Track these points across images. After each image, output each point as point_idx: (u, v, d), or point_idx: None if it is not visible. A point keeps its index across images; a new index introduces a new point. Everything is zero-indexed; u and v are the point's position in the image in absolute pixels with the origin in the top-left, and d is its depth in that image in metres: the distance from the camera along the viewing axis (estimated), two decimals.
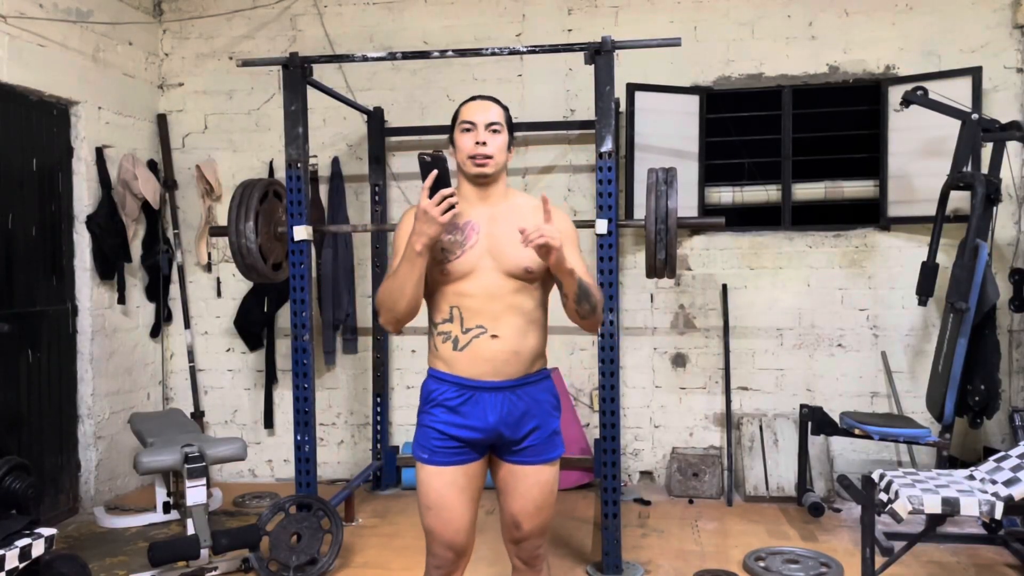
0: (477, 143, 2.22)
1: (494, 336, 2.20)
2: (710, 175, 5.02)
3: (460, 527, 2.29)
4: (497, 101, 2.33)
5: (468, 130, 2.25)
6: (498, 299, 2.21)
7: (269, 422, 5.27)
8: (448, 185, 2.10)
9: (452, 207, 2.10)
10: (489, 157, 2.23)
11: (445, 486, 2.27)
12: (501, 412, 2.24)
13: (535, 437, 2.28)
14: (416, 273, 2.14)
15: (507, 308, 2.21)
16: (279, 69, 4.08)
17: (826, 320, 4.86)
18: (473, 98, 2.33)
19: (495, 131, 2.25)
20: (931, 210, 4.40)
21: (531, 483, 2.31)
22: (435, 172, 2.09)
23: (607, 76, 3.53)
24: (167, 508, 4.30)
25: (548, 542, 3.92)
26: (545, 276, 2.27)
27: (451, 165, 2.20)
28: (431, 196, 2.08)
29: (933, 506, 2.85)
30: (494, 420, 2.23)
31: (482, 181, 2.26)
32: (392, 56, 3.99)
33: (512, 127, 2.34)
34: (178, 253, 5.27)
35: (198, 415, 5.24)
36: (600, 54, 3.54)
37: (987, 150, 4.31)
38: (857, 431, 4.17)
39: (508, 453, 2.30)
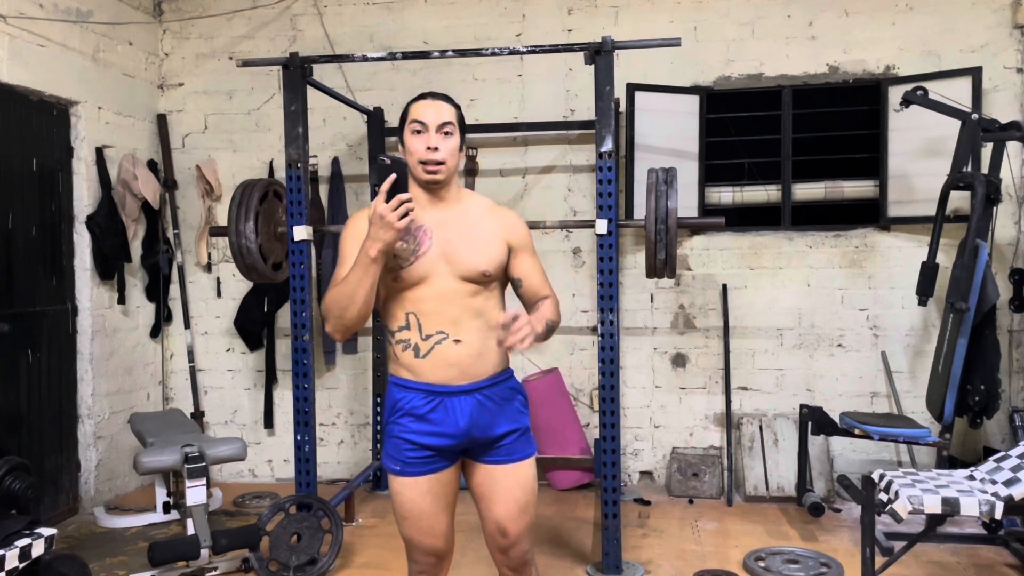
0: (429, 148, 2.14)
1: (457, 341, 2.15)
2: (710, 175, 5.02)
3: (439, 532, 2.27)
4: (449, 99, 2.24)
5: (419, 132, 2.16)
6: (455, 303, 2.15)
7: (269, 422, 5.27)
8: (406, 190, 2.05)
9: (408, 213, 2.03)
10: (441, 163, 2.15)
11: (420, 496, 2.22)
12: (472, 415, 2.19)
13: (511, 436, 2.25)
14: (369, 280, 2.06)
15: (466, 311, 2.16)
16: (279, 69, 4.09)
17: (826, 320, 4.86)
18: (423, 96, 2.23)
19: (447, 133, 2.17)
20: (931, 210, 4.40)
21: (511, 483, 2.26)
22: (393, 176, 2.02)
23: (607, 76, 3.53)
24: (167, 508, 4.29)
25: (548, 543, 3.94)
26: (500, 277, 2.26)
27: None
28: (388, 201, 2.01)
29: (933, 506, 2.85)
30: (465, 424, 2.19)
31: (434, 187, 2.19)
32: (392, 56, 3.98)
33: (464, 127, 2.27)
34: (178, 253, 5.27)
35: (198, 415, 5.24)
36: (600, 54, 3.53)
37: (987, 150, 4.32)
38: (857, 431, 4.17)
39: (483, 454, 2.25)
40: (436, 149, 2.15)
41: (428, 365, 2.16)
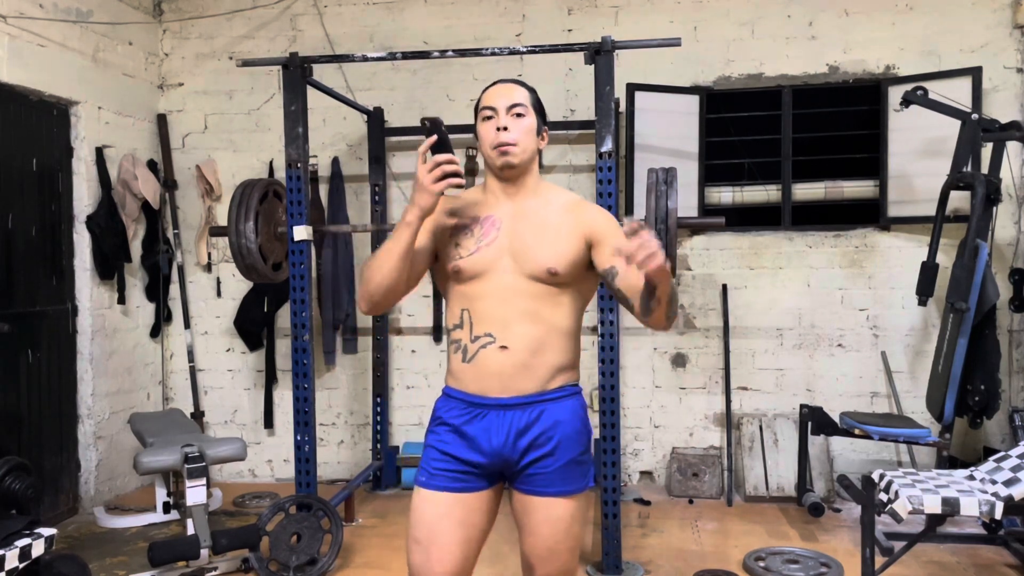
0: (499, 129, 1.97)
1: (503, 347, 1.94)
2: (710, 175, 5.02)
3: (449, 568, 1.98)
4: (522, 83, 2.06)
5: (489, 118, 2.00)
6: (512, 304, 1.94)
7: (269, 422, 5.27)
8: (448, 151, 1.90)
9: (450, 176, 1.87)
10: (513, 144, 1.97)
11: (438, 517, 1.98)
12: (508, 433, 1.96)
13: (546, 463, 1.98)
14: (401, 245, 1.90)
15: (522, 315, 1.94)
16: (279, 69, 4.08)
17: (826, 320, 4.86)
18: (495, 83, 2.07)
19: (519, 115, 1.99)
20: (931, 210, 4.40)
21: (540, 519, 1.99)
22: (434, 138, 1.89)
23: (607, 76, 3.53)
24: (167, 508, 4.29)
25: None
26: (578, 281, 2.01)
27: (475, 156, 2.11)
28: (426, 162, 1.89)
29: (933, 506, 2.85)
30: (499, 443, 1.96)
31: (509, 173, 2.01)
32: (392, 56, 3.99)
33: (542, 111, 2.07)
34: (178, 253, 5.27)
35: (198, 415, 5.24)
36: (600, 54, 3.53)
37: (987, 150, 4.32)
38: (857, 431, 4.17)
39: (515, 480, 2.01)
40: (506, 129, 1.97)
41: (471, 372, 1.98)
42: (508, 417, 1.97)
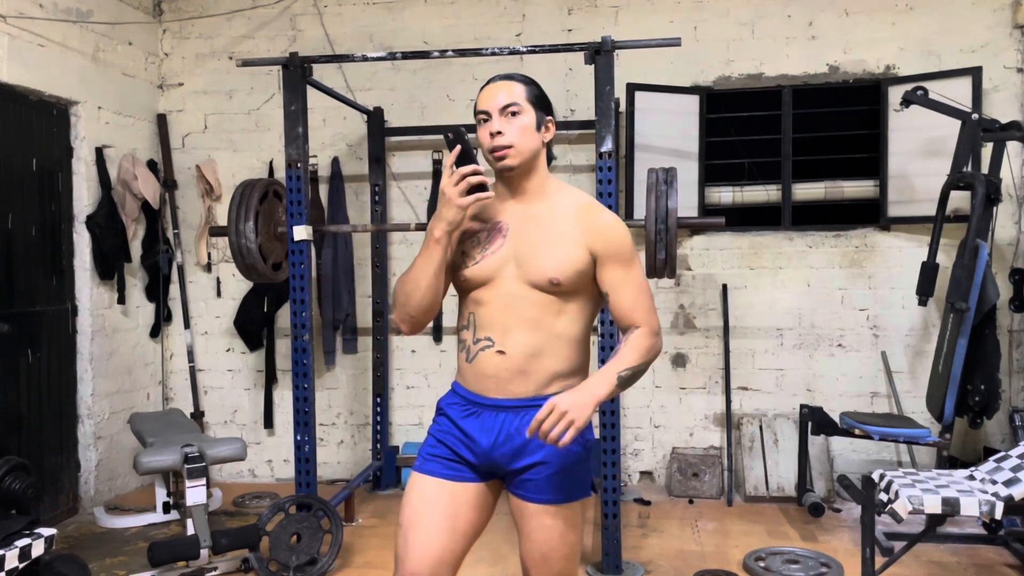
0: (492, 134, 1.92)
1: (500, 352, 1.94)
2: (710, 175, 5.02)
3: (426, 557, 1.94)
4: (518, 77, 2.01)
5: (484, 121, 1.96)
6: (513, 311, 1.93)
7: (269, 422, 5.27)
8: (473, 162, 1.86)
9: (478, 189, 1.85)
10: (509, 147, 1.92)
11: (423, 501, 1.98)
12: (498, 435, 1.96)
13: (539, 471, 1.96)
14: (432, 264, 1.91)
15: (522, 321, 1.93)
16: (279, 69, 4.09)
17: (826, 320, 4.86)
18: (489, 82, 2.02)
19: (513, 113, 1.94)
20: (931, 210, 4.40)
21: (534, 525, 1.98)
22: (458, 148, 1.86)
23: (607, 76, 3.53)
24: (167, 508, 4.29)
25: None
26: (583, 288, 1.96)
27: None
28: (452, 175, 1.88)
29: (933, 506, 2.85)
30: (488, 443, 1.97)
31: (511, 175, 1.97)
32: (392, 56, 3.99)
33: (544, 103, 2.01)
34: (178, 253, 5.27)
35: (198, 415, 5.24)
36: (600, 54, 3.53)
37: (987, 150, 4.32)
38: (857, 431, 4.17)
39: (511, 483, 2.01)
40: (500, 133, 1.92)
41: (471, 372, 1.99)
42: (500, 418, 1.97)
